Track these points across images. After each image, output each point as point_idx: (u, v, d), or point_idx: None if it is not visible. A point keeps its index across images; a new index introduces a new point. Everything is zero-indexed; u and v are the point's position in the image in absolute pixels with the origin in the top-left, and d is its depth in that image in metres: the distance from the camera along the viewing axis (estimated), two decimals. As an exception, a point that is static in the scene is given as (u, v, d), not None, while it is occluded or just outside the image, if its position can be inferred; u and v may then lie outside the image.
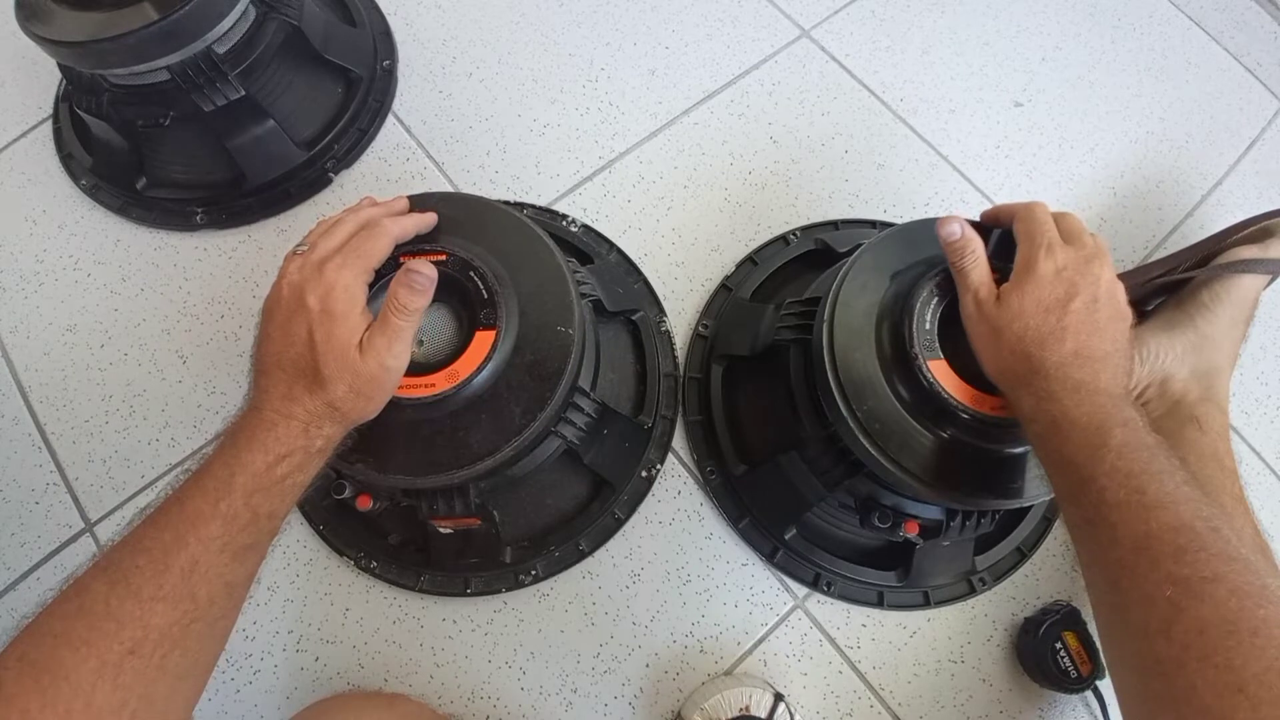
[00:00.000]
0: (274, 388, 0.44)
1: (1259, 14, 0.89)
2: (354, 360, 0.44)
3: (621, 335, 0.70)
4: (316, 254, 0.46)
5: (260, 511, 0.42)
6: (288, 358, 0.44)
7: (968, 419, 0.49)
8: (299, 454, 0.43)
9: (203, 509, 0.40)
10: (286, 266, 0.47)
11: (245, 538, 0.41)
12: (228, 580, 0.41)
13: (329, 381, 0.43)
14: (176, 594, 0.38)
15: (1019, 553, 0.66)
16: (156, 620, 0.38)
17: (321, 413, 0.43)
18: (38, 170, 0.80)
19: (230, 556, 0.40)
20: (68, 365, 0.72)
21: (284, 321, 0.45)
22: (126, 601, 0.38)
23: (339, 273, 0.45)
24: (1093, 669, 0.59)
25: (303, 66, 0.75)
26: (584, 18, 0.85)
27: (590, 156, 0.79)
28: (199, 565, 0.39)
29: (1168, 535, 0.36)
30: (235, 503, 0.41)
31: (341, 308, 0.44)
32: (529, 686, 0.63)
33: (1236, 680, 0.32)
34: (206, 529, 0.40)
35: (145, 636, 0.37)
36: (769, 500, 0.64)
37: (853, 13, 0.86)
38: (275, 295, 0.46)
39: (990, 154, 0.80)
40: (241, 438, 0.42)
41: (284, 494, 0.43)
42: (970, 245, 0.49)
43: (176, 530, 0.40)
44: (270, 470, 0.42)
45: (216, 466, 0.42)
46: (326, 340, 0.43)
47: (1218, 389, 0.62)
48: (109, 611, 0.37)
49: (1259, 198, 0.80)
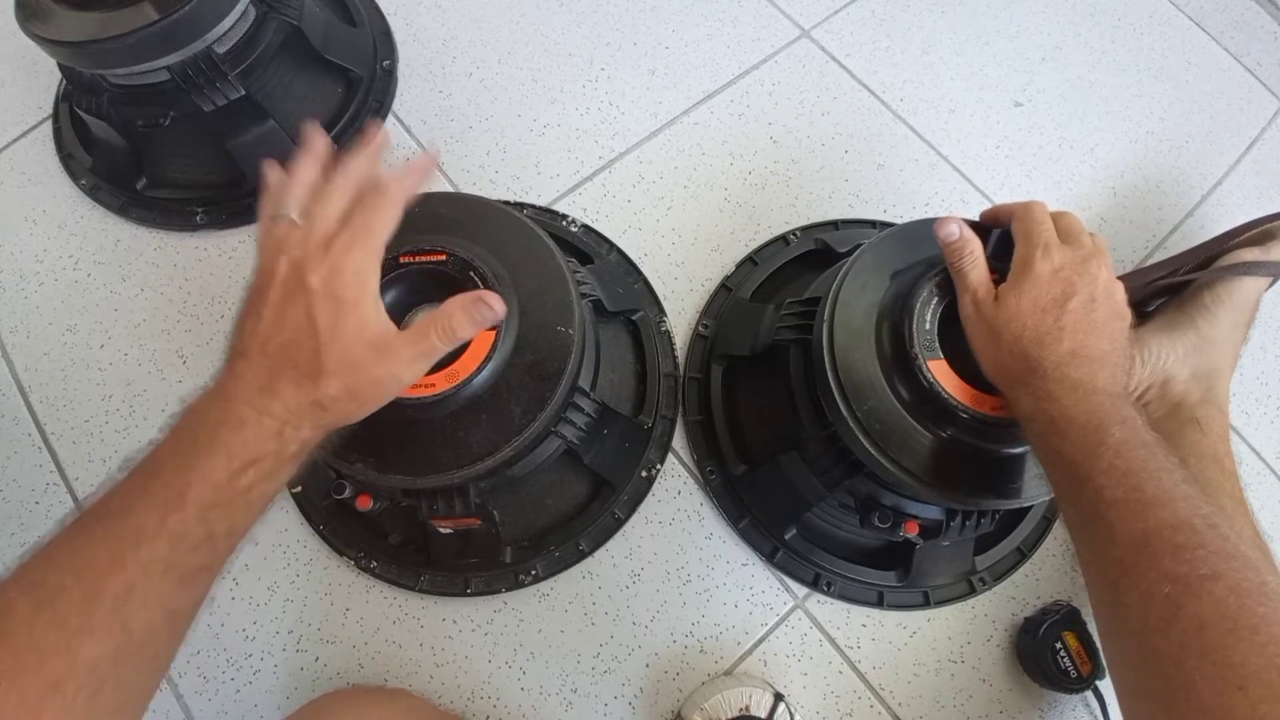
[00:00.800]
0: (251, 375, 0.38)
1: (1259, 14, 0.89)
2: (360, 356, 0.39)
3: (621, 335, 0.70)
4: (319, 227, 0.40)
5: (217, 529, 0.36)
6: (275, 343, 0.38)
7: (968, 419, 0.49)
8: (269, 460, 0.37)
9: (147, 525, 0.34)
10: (281, 237, 0.40)
11: (196, 559, 0.36)
12: (170, 608, 0.35)
13: (324, 375, 0.38)
14: (106, 625, 0.33)
15: (1019, 553, 0.66)
16: (84, 655, 0.32)
17: (303, 411, 0.38)
18: (38, 170, 0.80)
19: (176, 581, 0.35)
20: (68, 365, 0.72)
21: (278, 302, 0.39)
22: (50, 632, 0.32)
23: (348, 253, 0.39)
24: (1093, 669, 0.59)
25: (303, 66, 0.75)
26: (584, 18, 0.85)
27: (590, 156, 0.79)
28: (135, 592, 0.34)
29: (1166, 533, 0.36)
30: (188, 519, 0.35)
31: (352, 293, 0.39)
32: (529, 686, 0.63)
33: (1236, 677, 0.32)
34: (150, 549, 0.34)
35: (70, 673, 0.32)
36: (769, 500, 0.64)
37: (853, 13, 0.86)
38: (268, 269, 0.40)
39: (990, 154, 0.80)
40: (203, 436, 0.36)
41: (247, 507, 0.37)
42: (968, 246, 0.49)
43: (114, 549, 0.34)
44: (233, 480, 0.36)
45: (169, 472, 0.36)
46: (332, 329, 0.38)
47: (1218, 391, 0.62)
48: (31, 642, 0.32)
49: (1259, 198, 0.80)
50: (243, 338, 0.39)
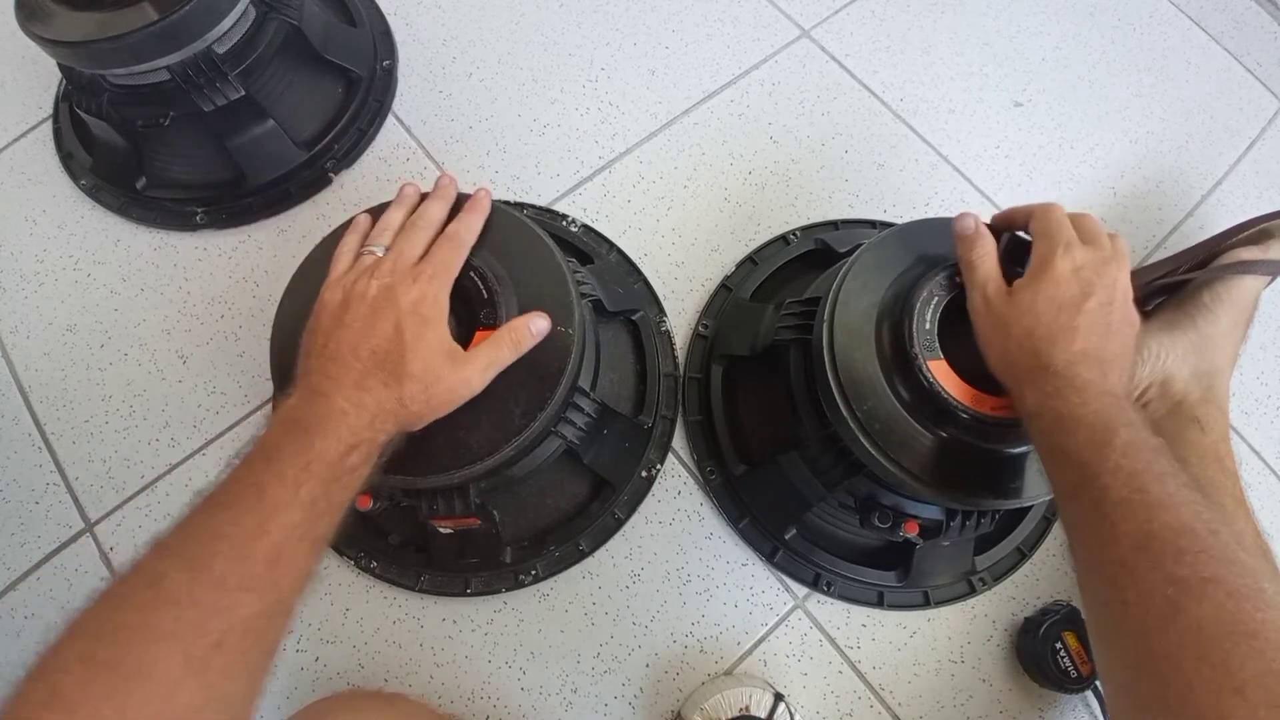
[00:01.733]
0: (345, 376, 0.43)
1: (1259, 14, 0.89)
2: (439, 366, 0.45)
3: (621, 335, 0.70)
4: (404, 259, 0.48)
5: (335, 500, 0.41)
6: (366, 348, 0.44)
7: (968, 419, 0.49)
8: (366, 445, 0.42)
9: (283, 496, 0.39)
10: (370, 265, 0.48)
11: (322, 527, 0.40)
12: (306, 570, 0.39)
13: (409, 378, 0.44)
14: (263, 583, 0.37)
15: (1019, 553, 0.66)
16: (243, 611, 0.36)
17: (389, 408, 0.43)
18: (38, 170, 0.80)
19: (309, 546, 0.39)
20: (68, 365, 0.72)
21: (369, 314, 0.45)
22: (211, 590, 0.35)
23: (431, 283, 0.47)
24: (1093, 669, 0.59)
25: (303, 66, 0.75)
26: (584, 18, 0.85)
27: (590, 156, 0.79)
28: (283, 554, 0.38)
29: (1169, 535, 0.36)
30: (315, 490, 0.39)
31: (434, 314, 0.46)
32: (529, 686, 0.63)
33: (1234, 682, 0.32)
34: (288, 515, 0.38)
35: (231, 628, 0.35)
36: (769, 500, 0.64)
37: (853, 13, 0.86)
38: (359, 289, 0.46)
39: (990, 154, 0.80)
40: (314, 425, 0.41)
41: (352, 485, 0.42)
42: (982, 239, 0.50)
43: (258, 516, 0.38)
44: (343, 459, 0.41)
45: (289, 454, 0.40)
46: (417, 339, 0.44)
47: (1218, 390, 0.62)
48: (194, 601, 0.35)
49: (1259, 198, 0.80)
50: (335, 345, 0.44)
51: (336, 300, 0.46)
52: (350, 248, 0.51)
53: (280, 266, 0.75)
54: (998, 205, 0.78)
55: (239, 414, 0.70)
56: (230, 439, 0.70)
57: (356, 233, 0.52)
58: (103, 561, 0.67)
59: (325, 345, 0.45)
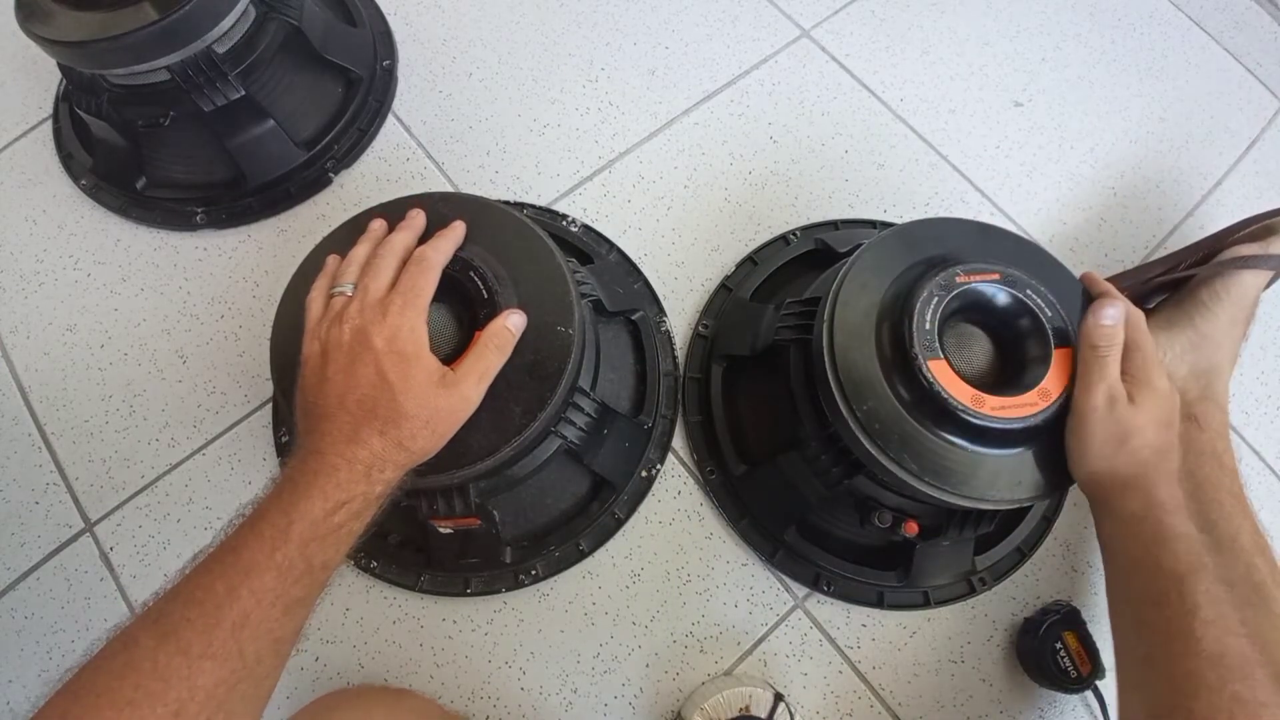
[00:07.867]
0: (337, 430, 0.43)
1: (1259, 14, 0.89)
2: (432, 395, 0.44)
3: (621, 335, 0.70)
4: (371, 295, 0.46)
5: (315, 562, 0.41)
6: (353, 399, 0.43)
7: (968, 419, 0.49)
8: (358, 500, 0.42)
9: (257, 558, 0.39)
10: (339, 309, 0.46)
11: (298, 590, 0.40)
12: (276, 636, 0.39)
13: (405, 419, 0.43)
14: (225, 651, 0.37)
15: (1019, 553, 0.66)
16: (203, 680, 0.36)
17: (387, 454, 0.43)
18: (38, 170, 0.80)
19: (281, 610, 0.39)
20: (68, 365, 0.72)
21: (347, 364, 0.44)
22: (175, 659, 0.36)
23: (402, 315, 0.46)
24: (1092, 669, 0.59)
25: (303, 66, 0.75)
26: (584, 18, 0.85)
27: (590, 156, 0.79)
28: (250, 619, 0.38)
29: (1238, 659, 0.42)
30: (290, 552, 0.40)
31: (412, 349, 0.45)
32: (529, 686, 0.63)
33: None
34: (260, 580, 0.39)
35: (190, 698, 0.36)
36: (769, 500, 0.64)
37: (853, 13, 0.86)
38: (334, 338, 0.45)
39: (990, 154, 0.80)
40: (301, 483, 0.41)
41: (339, 543, 0.42)
42: (1120, 336, 0.50)
43: (229, 581, 0.38)
44: (329, 517, 0.41)
45: (273, 513, 0.41)
46: (403, 378, 0.44)
47: (1217, 387, 0.62)
48: (156, 670, 0.36)
49: (1259, 198, 0.80)
50: (320, 402, 0.44)
51: (316, 353, 0.46)
52: (321, 290, 0.49)
53: (280, 266, 0.75)
54: (998, 205, 0.78)
55: (239, 414, 0.70)
56: (230, 439, 0.70)
57: (325, 275, 0.51)
58: (102, 561, 0.67)
59: (316, 403, 0.45)
